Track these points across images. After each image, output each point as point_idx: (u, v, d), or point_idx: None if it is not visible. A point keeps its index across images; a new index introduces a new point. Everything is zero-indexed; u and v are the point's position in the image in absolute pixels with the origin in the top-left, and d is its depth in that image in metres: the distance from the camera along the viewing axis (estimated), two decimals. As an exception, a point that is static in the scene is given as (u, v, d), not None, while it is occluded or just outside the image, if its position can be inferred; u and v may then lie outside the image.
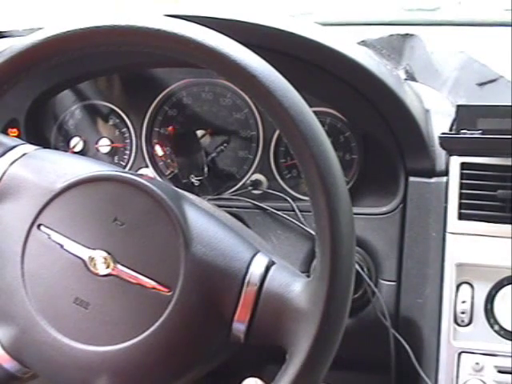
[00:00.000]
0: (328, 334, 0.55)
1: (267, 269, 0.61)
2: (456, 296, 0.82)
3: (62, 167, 0.68)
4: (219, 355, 0.64)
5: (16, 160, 0.69)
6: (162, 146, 1.03)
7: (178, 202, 0.64)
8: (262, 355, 0.95)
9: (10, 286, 0.63)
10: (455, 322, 0.82)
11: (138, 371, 0.60)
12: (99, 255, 0.62)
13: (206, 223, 0.64)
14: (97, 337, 0.61)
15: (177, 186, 0.74)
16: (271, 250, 0.87)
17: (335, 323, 0.56)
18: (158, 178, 1.01)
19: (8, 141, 0.71)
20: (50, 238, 0.64)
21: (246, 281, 0.60)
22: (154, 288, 0.60)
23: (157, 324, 0.60)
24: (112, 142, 1.05)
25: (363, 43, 1.05)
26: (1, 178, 0.68)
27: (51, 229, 0.64)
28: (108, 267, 0.62)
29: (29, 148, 0.71)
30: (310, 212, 0.57)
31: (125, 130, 1.04)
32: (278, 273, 0.61)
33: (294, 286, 0.59)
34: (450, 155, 0.85)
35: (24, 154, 0.70)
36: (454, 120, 0.86)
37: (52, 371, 0.63)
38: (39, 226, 0.64)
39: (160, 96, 1.02)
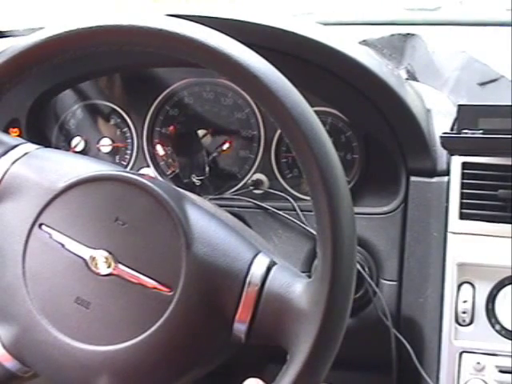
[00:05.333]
0: (329, 335, 0.55)
1: (268, 269, 0.61)
2: (457, 296, 0.82)
3: (63, 166, 0.68)
4: (220, 355, 0.64)
5: (18, 159, 0.69)
6: (163, 146, 1.03)
7: (180, 202, 0.64)
8: (262, 355, 0.95)
9: (11, 285, 0.63)
10: (456, 321, 0.82)
11: (139, 371, 0.60)
12: (100, 255, 0.62)
13: (208, 223, 0.64)
14: (97, 336, 0.61)
15: (178, 186, 0.74)
16: (272, 250, 0.87)
17: (336, 324, 0.56)
18: (160, 178, 1.01)
19: (10, 140, 0.71)
20: (51, 237, 0.63)
21: (247, 281, 0.60)
22: (155, 288, 0.60)
23: (158, 324, 0.59)
24: (113, 142, 1.05)
25: (364, 43, 1.05)
26: (2, 177, 0.67)
27: (52, 228, 0.64)
28: (109, 267, 0.61)
29: (30, 147, 0.71)
30: (311, 212, 0.58)
31: (126, 129, 1.04)
32: (279, 273, 0.61)
33: (295, 286, 0.59)
34: (452, 155, 0.85)
35: (26, 153, 0.70)
36: (456, 120, 0.86)
37: (53, 370, 0.63)
38: (40, 225, 0.64)
39: (161, 96, 1.02)
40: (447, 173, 0.86)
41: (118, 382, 0.60)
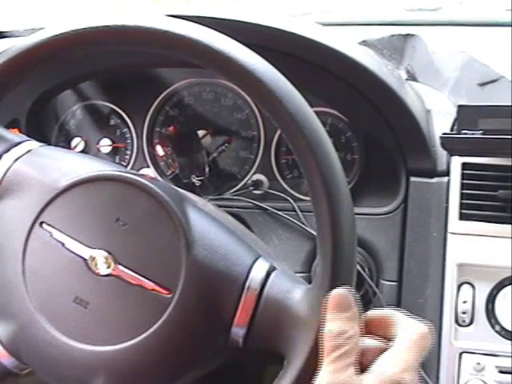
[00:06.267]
0: None
1: (268, 274, 0.61)
2: (457, 296, 0.82)
3: (66, 165, 0.68)
4: (217, 358, 0.64)
5: (21, 156, 0.68)
6: (163, 146, 1.03)
7: (181, 204, 0.64)
8: (262, 356, 0.95)
9: (11, 282, 0.63)
10: (456, 322, 0.82)
11: (136, 372, 0.60)
12: (100, 255, 0.62)
13: (208, 226, 0.64)
14: (95, 336, 0.61)
15: (178, 186, 0.74)
16: (272, 251, 0.87)
17: None
18: (159, 178, 1.01)
19: (13, 137, 0.71)
20: (51, 235, 0.63)
21: (247, 286, 0.60)
22: (154, 290, 0.60)
23: (156, 326, 0.59)
24: (113, 142, 1.05)
25: (364, 43, 1.05)
26: (5, 174, 0.67)
27: (53, 227, 0.64)
28: (109, 267, 0.61)
29: (34, 145, 0.71)
30: (310, 212, 0.57)
31: (126, 130, 1.04)
32: (278, 279, 0.61)
33: (294, 292, 0.59)
34: (451, 155, 0.85)
35: (29, 151, 0.69)
36: (455, 120, 0.86)
37: (49, 369, 0.63)
38: (41, 223, 0.64)
39: (161, 96, 1.02)
40: (447, 173, 0.86)
41: (114, 382, 0.60)
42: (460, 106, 0.85)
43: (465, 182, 0.83)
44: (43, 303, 0.62)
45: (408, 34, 1.07)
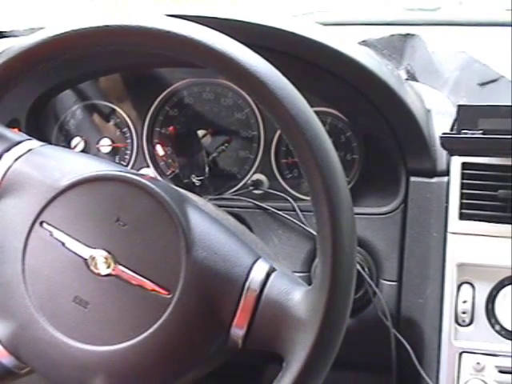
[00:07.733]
0: (325, 344, 0.55)
1: (268, 275, 0.61)
2: (457, 296, 0.82)
3: (66, 165, 0.68)
4: (216, 359, 0.64)
5: (21, 156, 0.68)
6: (163, 146, 1.03)
7: (181, 204, 0.64)
8: (262, 356, 0.95)
9: (11, 281, 0.63)
10: (456, 321, 0.82)
11: (134, 373, 0.60)
12: (100, 255, 0.62)
13: (209, 227, 0.64)
14: (94, 336, 0.61)
15: (178, 186, 0.74)
16: (272, 251, 0.87)
17: (333, 333, 0.56)
18: (159, 178, 1.01)
19: (14, 136, 0.71)
20: (51, 235, 0.64)
21: (246, 287, 0.60)
22: (153, 290, 0.60)
23: (155, 326, 0.59)
24: (113, 142, 1.05)
25: (364, 43, 1.05)
26: (5, 173, 0.67)
27: (53, 226, 0.64)
28: (109, 267, 0.61)
29: (34, 144, 0.71)
30: (310, 212, 0.58)
31: (126, 129, 1.04)
32: (278, 280, 0.61)
33: (293, 294, 0.59)
34: (451, 155, 0.85)
35: (29, 150, 0.69)
36: (455, 120, 0.86)
37: (48, 368, 0.63)
38: (42, 222, 0.64)
39: (161, 96, 1.02)
40: (447, 173, 0.86)
41: (113, 382, 0.60)
42: (460, 106, 0.84)
43: (465, 181, 0.83)
44: (43, 302, 0.62)
45: (408, 34, 1.07)
